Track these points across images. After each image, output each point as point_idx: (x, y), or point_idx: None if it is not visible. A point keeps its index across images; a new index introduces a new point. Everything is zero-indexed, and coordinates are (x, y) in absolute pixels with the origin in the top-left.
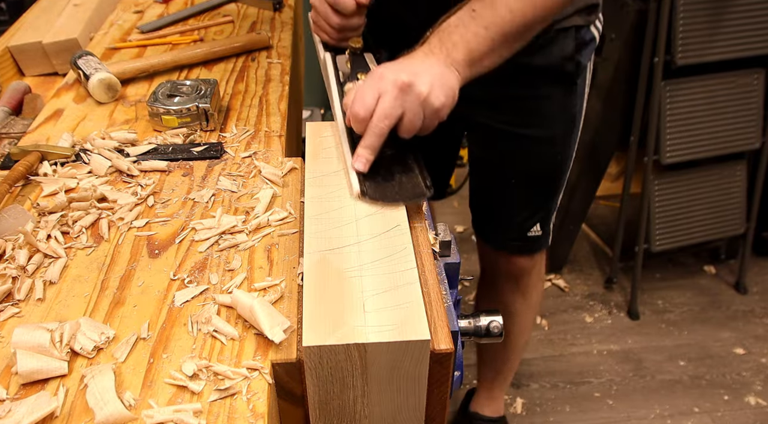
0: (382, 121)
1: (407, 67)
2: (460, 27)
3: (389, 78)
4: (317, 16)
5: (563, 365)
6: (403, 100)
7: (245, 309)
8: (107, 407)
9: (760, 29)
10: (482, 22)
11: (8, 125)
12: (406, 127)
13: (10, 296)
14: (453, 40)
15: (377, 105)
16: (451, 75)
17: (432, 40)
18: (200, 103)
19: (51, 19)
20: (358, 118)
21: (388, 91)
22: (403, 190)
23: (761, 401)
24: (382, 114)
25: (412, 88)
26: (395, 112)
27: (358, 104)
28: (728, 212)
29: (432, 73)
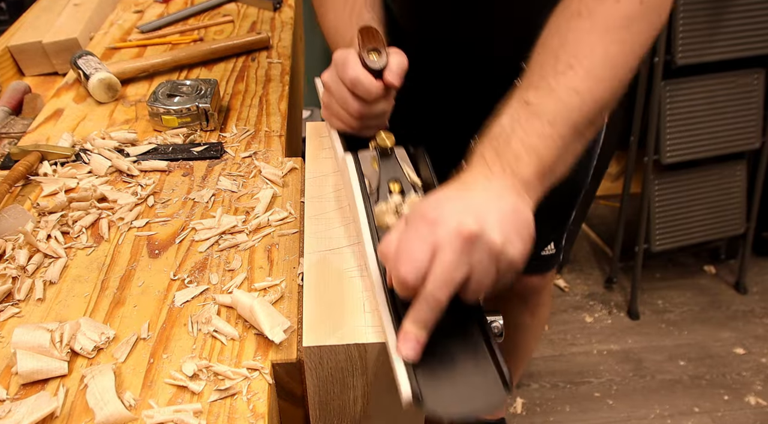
0: (440, 289)
1: (469, 205)
2: (518, 129)
3: (449, 224)
4: (330, 99)
5: (563, 365)
6: (470, 257)
7: (245, 309)
8: (107, 407)
9: (760, 29)
10: (545, 116)
11: (8, 125)
12: (473, 289)
13: (10, 296)
14: (513, 149)
15: (433, 264)
16: (524, 204)
17: (486, 153)
18: (200, 103)
19: (51, 19)
20: (406, 285)
21: (447, 244)
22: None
23: (761, 401)
24: (442, 280)
25: (481, 238)
26: (459, 274)
27: (406, 265)
28: (728, 211)
29: (501, 209)
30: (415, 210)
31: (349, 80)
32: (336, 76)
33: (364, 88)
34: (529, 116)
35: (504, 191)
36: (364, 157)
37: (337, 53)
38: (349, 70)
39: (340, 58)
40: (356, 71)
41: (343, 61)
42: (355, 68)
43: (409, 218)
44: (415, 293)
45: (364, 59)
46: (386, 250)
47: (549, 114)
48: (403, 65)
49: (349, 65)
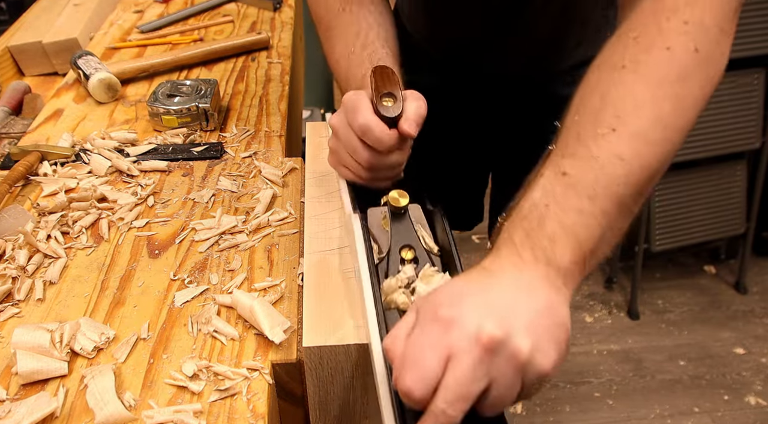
0: (453, 405)
1: (491, 302)
2: (553, 206)
3: (467, 328)
4: (338, 145)
5: (563, 365)
6: (490, 367)
7: (245, 309)
8: (107, 407)
9: (760, 29)
10: (584, 189)
11: (8, 125)
12: (492, 404)
13: (10, 296)
14: (548, 231)
15: (446, 375)
16: (560, 301)
17: (515, 236)
18: (200, 103)
19: (51, 19)
20: (412, 397)
21: (464, 353)
22: None
23: (761, 401)
24: (454, 395)
25: (505, 346)
26: (477, 388)
27: (413, 375)
28: (728, 211)
29: (532, 308)
30: (428, 304)
31: (358, 128)
32: (345, 121)
33: (375, 138)
34: (566, 190)
35: (536, 284)
36: (374, 214)
37: (347, 96)
38: (359, 117)
39: (350, 102)
40: (367, 119)
41: (353, 106)
42: (365, 115)
43: (420, 313)
44: (424, 405)
45: (377, 106)
46: (391, 348)
47: (589, 187)
48: (420, 112)
49: (359, 112)
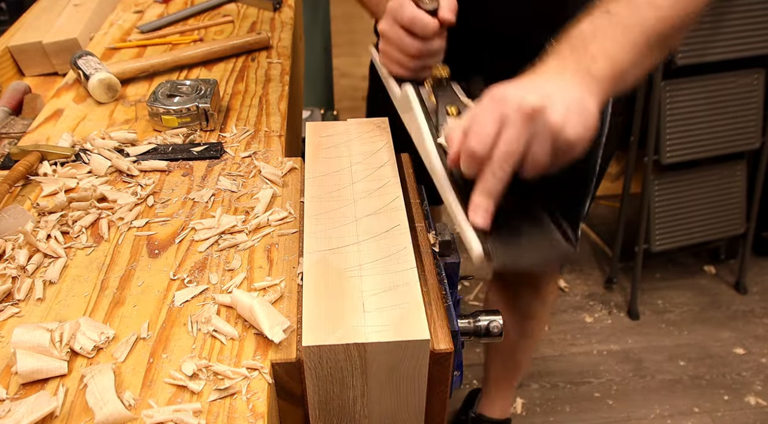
0: (506, 161)
1: (536, 87)
2: (598, 33)
3: (513, 101)
4: (388, 46)
5: (563, 365)
6: (530, 132)
7: (245, 309)
8: (107, 406)
9: (760, 29)
10: (621, 24)
11: (8, 125)
12: (531, 165)
13: (10, 296)
14: (590, 51)
15: (499, 137)
16: (591, 98)
17: (564, 51)
18: (200, 103)
19: (51, 19)
20: (475, 156)
21: (512, 118)
22: (540, 249)
23: (761, 401)
24: (506, 151)
25: (542, 114)
26: (521, 147)
27: (475, 138)
28: (728, 211)
29: (568, 97)
30: (487, 93)
31: (407, 20)
32: (392, 21)
33: (422, 25)
34: (608, 24)
35: (574, 82)
36: (422, 92)
37: (391, 3)
38: (406, 11)
39: (395, 4)
40: (413, 12)
41: (399, 6)
42: (411, 10)
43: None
44: (480, 166)
45: (418, 2)
46: (452, 133)
47: (626, 23)
48: (453, 3)
49: (405, 8)
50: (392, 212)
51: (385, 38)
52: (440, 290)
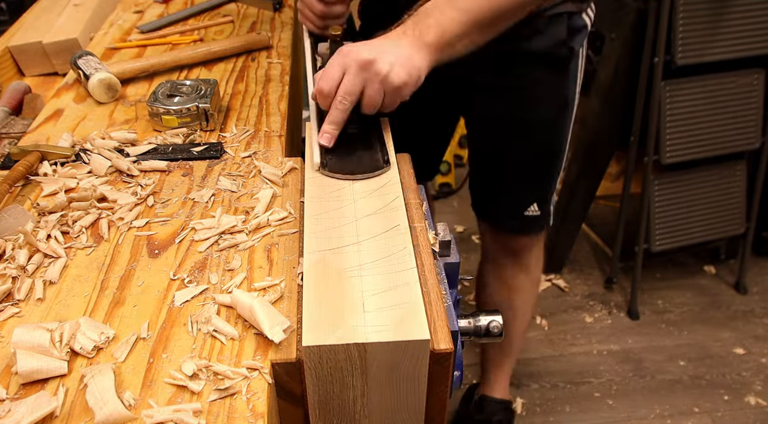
0: (344, 97)
1: (374, 46)
2: (436, 11)
3: (353, 55)
4: (302, 5)
5: (563, 365)
6: (363, 77)
7: (245, 309)
8: (107, 406)
9: (760, 29)
10: (457, 6)
11: (8, 125)
12: (367, 103)
13: (10, 296)
14: (427, 23)
15: (342, 80)
16: (419, 56)
17: (407, 22)
18: (200, 103)
19: (51, 19)
20: (322, 93)
21: (350, 67)
22: (362, 165)
23: (761, 401)
24: (344, 90)
25: (372, 65)
26: (356, 88)
27: (323, 80)
28: (728, 212)
29: (397, 53)
30: (338, 49)
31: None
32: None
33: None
34: (446, 4)
35: (406, 44)
36: (322, 46)
37: None
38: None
39: None
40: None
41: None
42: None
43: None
44: (330, 102)
45: None
46: (316, 75)
47: (461, 6)
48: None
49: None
50: (392, 211)
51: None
52: (440, 290)
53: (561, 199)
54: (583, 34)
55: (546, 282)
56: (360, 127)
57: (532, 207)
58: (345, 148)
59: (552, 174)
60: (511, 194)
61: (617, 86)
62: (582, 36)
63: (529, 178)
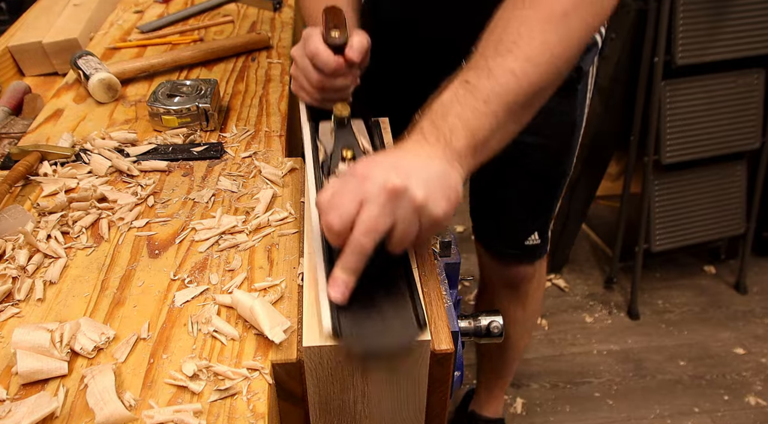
0: (365, 236)
1: (398, 165)
2: (456, 104)
3: (376, 180)
4: (297, 72)
5: (563, 365)
6: (394, 209)
7: (245, 309)
8: (107, 407)
9: (760, 29)
10: (481, 94)
11: (8, 125)
12: (397, 241)
13: (10, 296)
14: (449, 122)
15: (360, 214)
16: (453, 172)
17: (424, 125)
18: (200, 103)
19: (51, 19)
20: (332, 230)
21: (374, 197)
22: (389, 330)
23: (761, 401)
24: (366, 227)
25: (404, 193)
26: (383, 224)
27: (333, 213)
28: (728, 211)
29: (429, 171)
30: (349, 168)
31: (309, 52)
32: (302, 50)
33: (321, 61)
34: (467, 94)
35: (434, 157)
36: (324, 127)
37: (306, 30)
38: (310, 44)
39: (305, 34)
40: (316, 45)
41: (306, 36)
42: (315, 42)
43: (342, 175)
44: (342, 240)
45: (325, 36)
46: (320, 201)
47: (485, 93)
48: (363, 43)
49: (310, 40)
50: None
51: (294, 64)
52: (440, 290)
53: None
54: (593, 53)
55: (546, 282)
56: (381, 264)
57: (533, 236)
58: (363, 300)
59: (555, 200)
60: (512, 224)
61: (617, 86)
62: (592, 54)
63: (530, 207)
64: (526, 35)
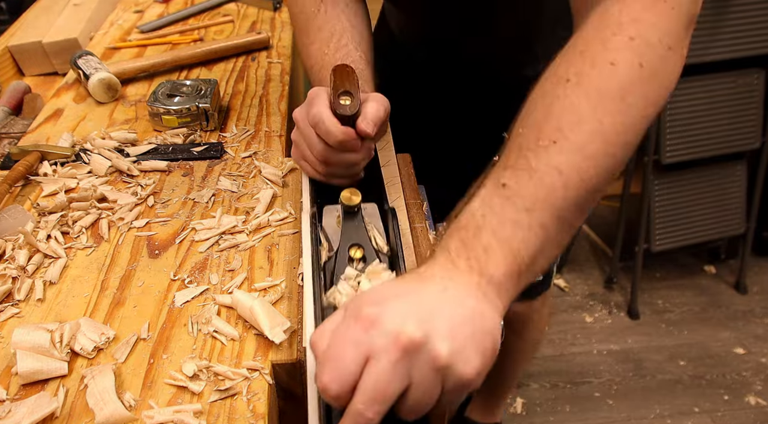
0: (370, 406)
1: (416, 305)
2: (490, 217)
3: (387, 328)
4: (299, 138)
5: (563, 365)
6: (408, 370)
7: (245, 310)
8: (107, 407)
9: (760, 29)
10: (522, 201)
11: (8, 125)
12: (411, 407)
13: (10, 296)
14: (483, 242)
15: (363, 376)
16: (490, 310)
17: (451, 245)
18: (200, 103)
19: (51, 19)
20: (329, 394)
21: (383, 353)
22: None
23: (761, 401)
24: (372, 396)
25: (424, 348)
26: (393, 391)
27: (331, 373)
28: (728, 212)
29: (457, 313)
30: (356, 302)
31: (311, 119)
32: (305, 112)
33: (325, 130)
34: (504, 202)
35: (465, 292)
36: (329, 212)
37: (310, 91)
38: (314, 109)
39: (310, 95)
40: (320, 111)
41: (310, 99)
42: (319, 107)
43: (347, 310)
44: (342, 404)
45: (333, 103)
46: (317, 342)
47: (527, 199)
48: (379, 114)
49: (314, 104)
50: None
51: (297, 128)
52: None
53: None
54: None
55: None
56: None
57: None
58: None
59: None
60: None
61: None
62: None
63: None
64: (574, 120)
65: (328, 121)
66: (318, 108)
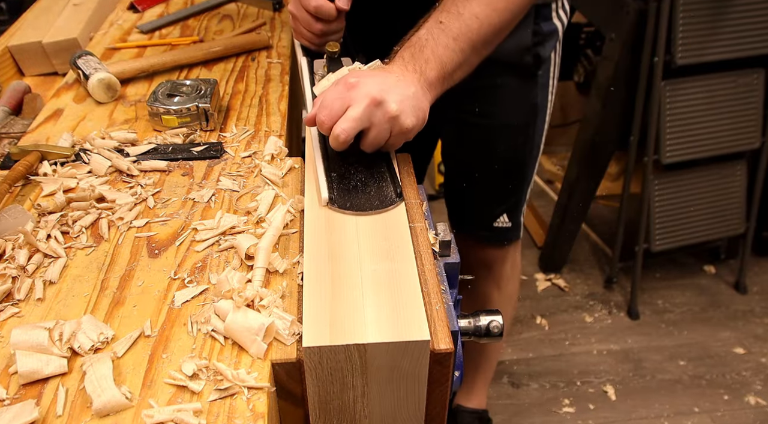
0: (347, 123)
1: (381, 82)
2: (431, 41)
3: (362, 89)
4: (297, 24)
5: (563, 365)
6: (370, 115)
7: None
8: (105, 394)
9: (760, 29)
10: (451, 33)
11: (8, 125)
12: (370, 141)
13: (10, 296)
14: (425, 55)
15: (345, 113)
16: (424, 97)
17: (405, 55)
18: (200, 103)
19: (51, 19)
20: (323, 126)
21: (357, 102)
22: (372, 199)
23: (761, 401)
24: (349, 119)
25: (382, 104)
26: (361, 121)
27: (324, 112)
28: (728, 211)
29: (405, 93)
30: (343, 76)
31: (313, 8)
32: (299, 5)
33: (327, 12)
34: (440, 32)
35: (411, 82)
36: (318, 63)
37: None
38: (313, 1)
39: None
40: (319, 1)
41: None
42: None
43: (336, 82)
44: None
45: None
46: (317, 100)
47: (454, 32)
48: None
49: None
50: (392, 212)
51: (294, 19)
52: (440, 290)
53: (561, 199)
54: (553, 40)
55: (546, 282)
56: (368, 158)
57: (502, 218)
58: (354, 181)
59: (521, 184)
60: (480, 204)
61: (617, 86)
62: (552, 42)
63: (497, 187)
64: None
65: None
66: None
